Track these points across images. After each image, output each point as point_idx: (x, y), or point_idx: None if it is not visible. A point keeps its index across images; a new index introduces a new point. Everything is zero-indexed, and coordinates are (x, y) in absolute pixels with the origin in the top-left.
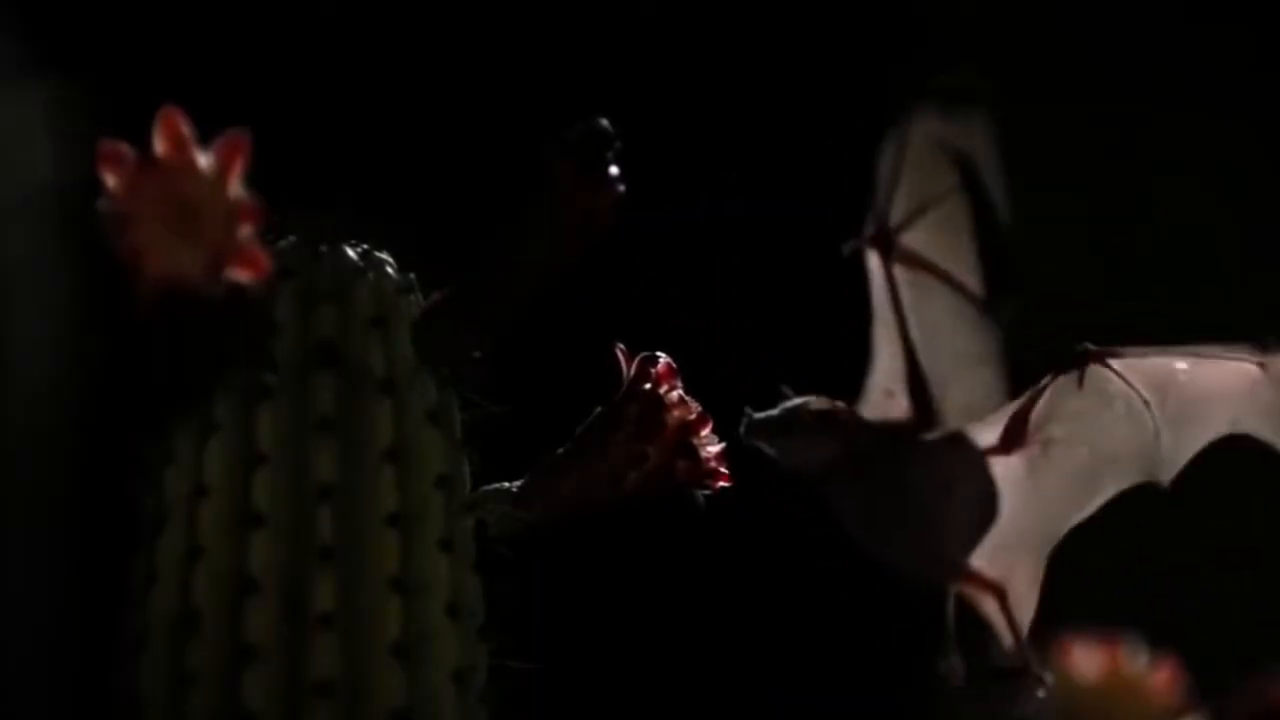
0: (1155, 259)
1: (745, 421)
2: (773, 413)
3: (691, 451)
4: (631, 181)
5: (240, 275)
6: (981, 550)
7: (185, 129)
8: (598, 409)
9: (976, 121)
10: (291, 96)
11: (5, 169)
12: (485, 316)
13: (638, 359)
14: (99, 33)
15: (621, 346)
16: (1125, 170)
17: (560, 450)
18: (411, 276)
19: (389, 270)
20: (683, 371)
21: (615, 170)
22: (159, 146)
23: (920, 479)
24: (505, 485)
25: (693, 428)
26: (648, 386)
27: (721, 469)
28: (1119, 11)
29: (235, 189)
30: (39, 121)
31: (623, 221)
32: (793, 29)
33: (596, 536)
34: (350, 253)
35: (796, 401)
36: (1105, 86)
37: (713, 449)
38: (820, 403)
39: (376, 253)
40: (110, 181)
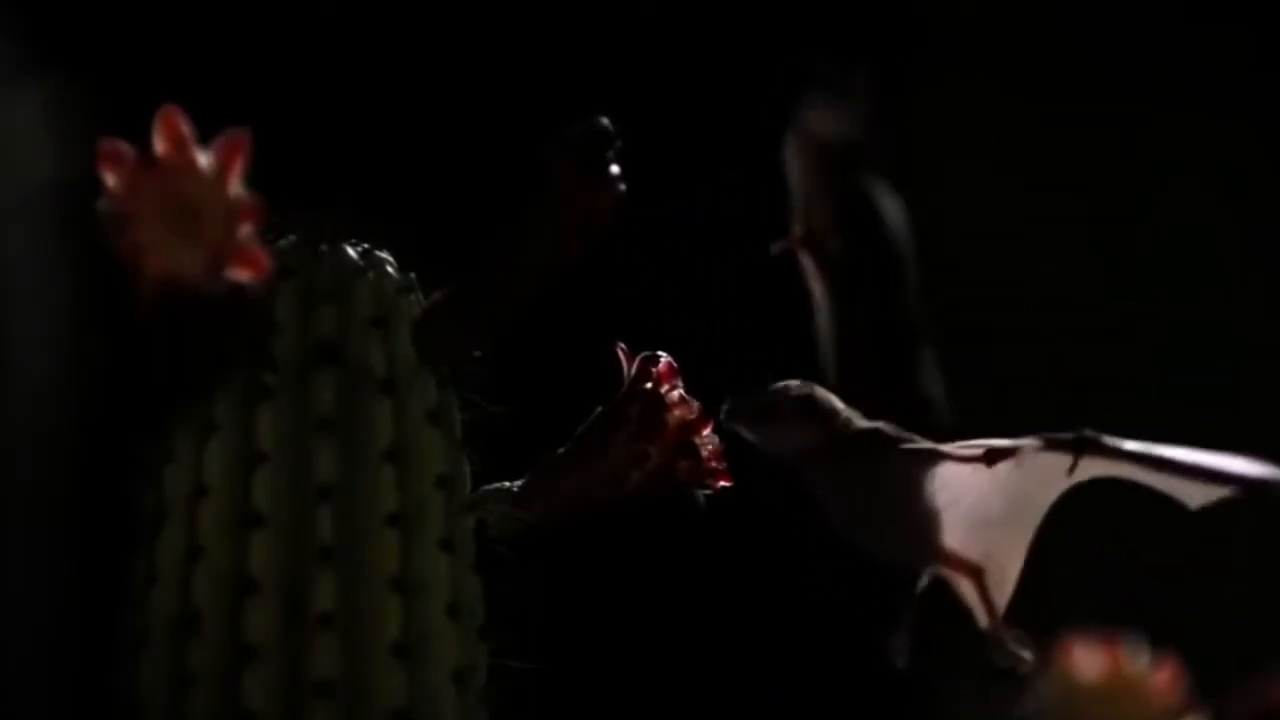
0: (1155, 259)
1: (726, 405)
2: (753, 397)
3: (692, 451)
4: (631, 181)
5: (240, 275)
6: (960, 530)
7: (185, 128)
8: (598, 409)
9: (857, 112)
10: (291, 96)
11: (5, 169)
12: (485, 316)
13: (638, 358)
14: (99, 32)
15: (622, 346)
16: (1125, 170)
17: (561, 450)
18: (412, 276)
19: (389, 270)
20: (683, 371)
21: (615, 170)
22: (159, 146)
23: (894, 474)
24: (505, 485)
25: (694, 427)
26: (649, 386)
27: (722, 468)
28: (1119, 11)
29: (235, 188)
30: (39, 121)
31: (623, 221)
32: (793, 29)
33: (596, 536)
34: (350, 252)
35: (778, 386)
36: (1105, 86)
37: (713, 448)
38: (802, 388)
39: (377, 252)
40: (110, 181)
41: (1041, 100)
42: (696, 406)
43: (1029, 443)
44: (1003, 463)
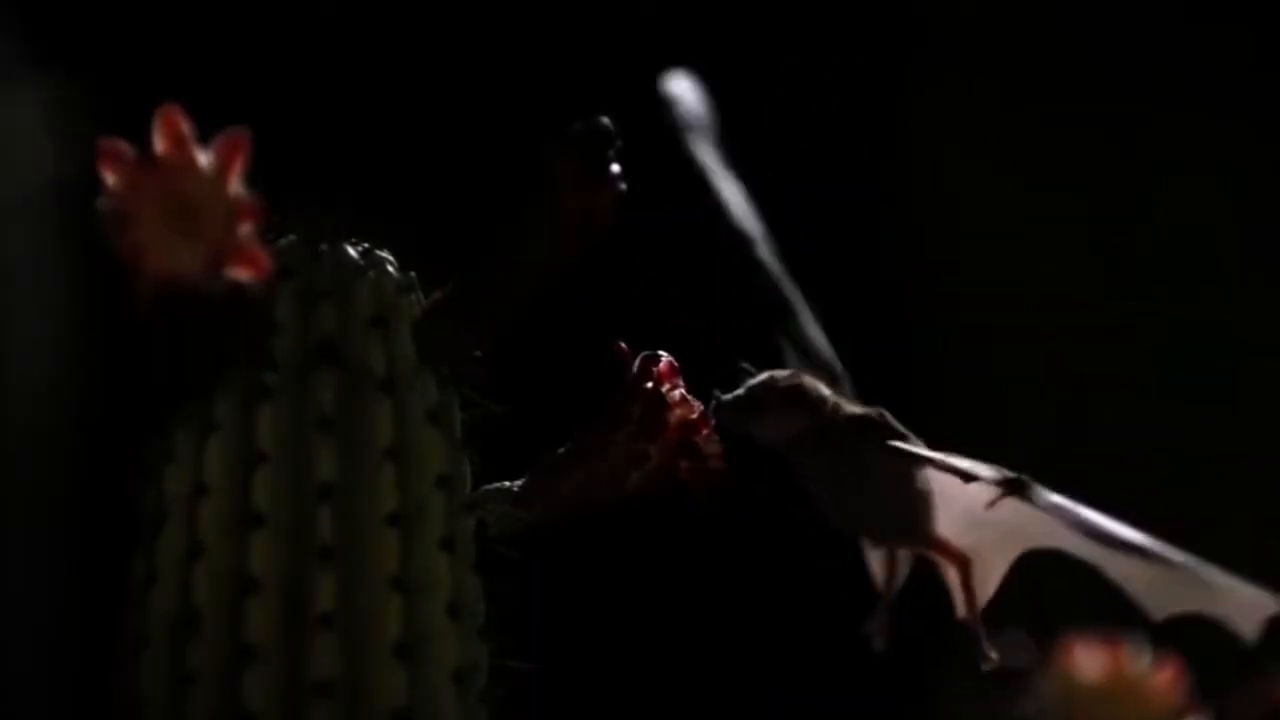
0: (1155, 259)
1: (713, 404)
2: (740, 392)
3: (694, 451)
4: (632, 181)
5: (240, 274)
6: (951, 522)
7: (185, 127)
8: (599, 408)
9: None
10: (292, 95)
11: (5, 168)
12: (485, 316)
13: (639, 358)
14: (99, 31)
15: (622, 345)
16: (1125, 170)
17: (561, 450)
18: (412, 276)
19: (389, 269)
20: (683, 371)
21: (616, 169)
22: (159, 145)
23: (884, 463)
24: (505, 485)
25: (695, 427)
26: (649, 385)
27: (724, 469)
28: (1119, 11)
29: (235, 187)
30: (39, 120)
31: (623, 221)
32: (793, 28)
33: (597, 536)
34: (351, 252)
35: (762, 377)
36: (1105, 86)
37: (715, 448)
38: (789, 377)
39: (377, 252)
40: (110, 180)
41: (1041, 100)
42: (698, 406)
43: (985, 474)
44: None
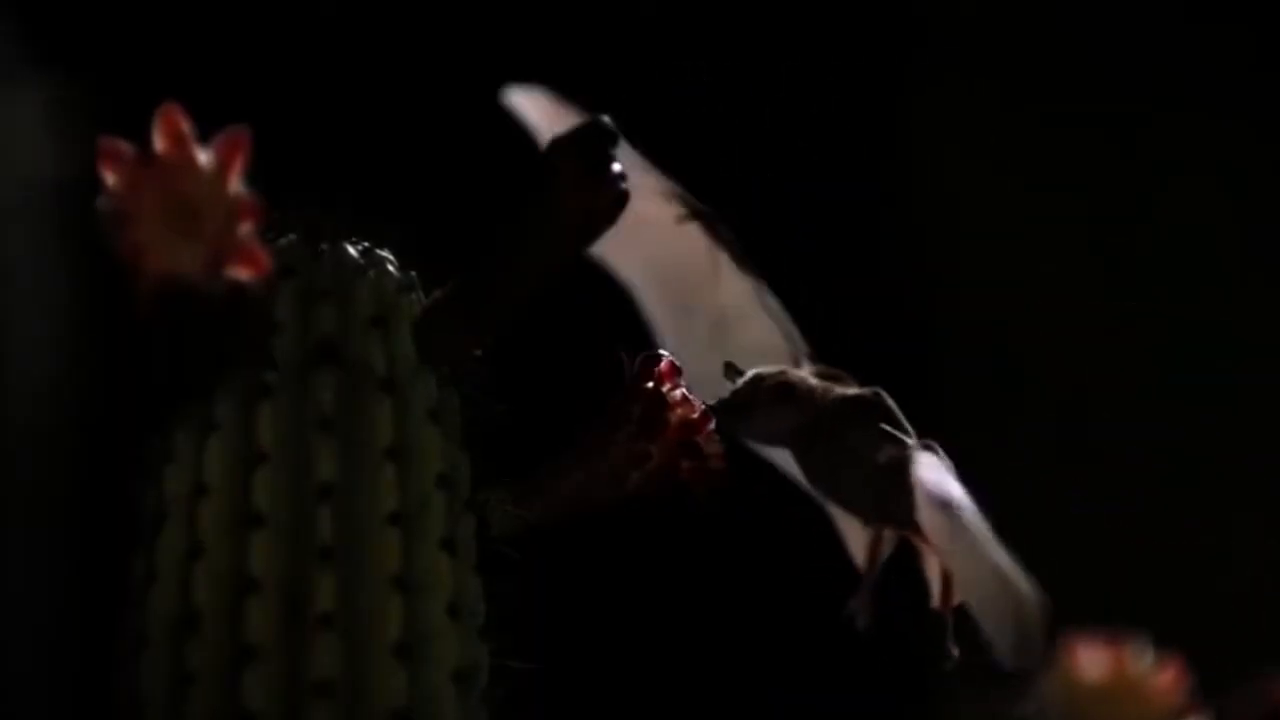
0: (1155, 259)
1: (702, 404)
2: (728, 394)
3: (694, 451)
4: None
5: (240, 273)
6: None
7: (185, 126)
8: (599, 408)
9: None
10: (292, 94)
11: (5, 168)
12: (485, 316)
13: (640, 357)
14: (99, 31)
15: (623, 345)
16: (1125, 170)
17: (562, 449)
18: (412, 275)
19: (390, 269)
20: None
21: (617, 169)
22: (158, 144)
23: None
24: (506, 485)
25: (695, 426)
26: (650, 385)
27: (724, 468)
28: (1119, 11)
29: (235, 186)
30: (38, 120)
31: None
32: (794, 28)
33: (597, 536)
34: (351, 251)
35: (749, 376)
36: (1105, 86)
37: (716, 448)
38: (776, 374)
39: (377, 251)
40: (109, 179)
41: (1041, 100)
42: (698, 406)
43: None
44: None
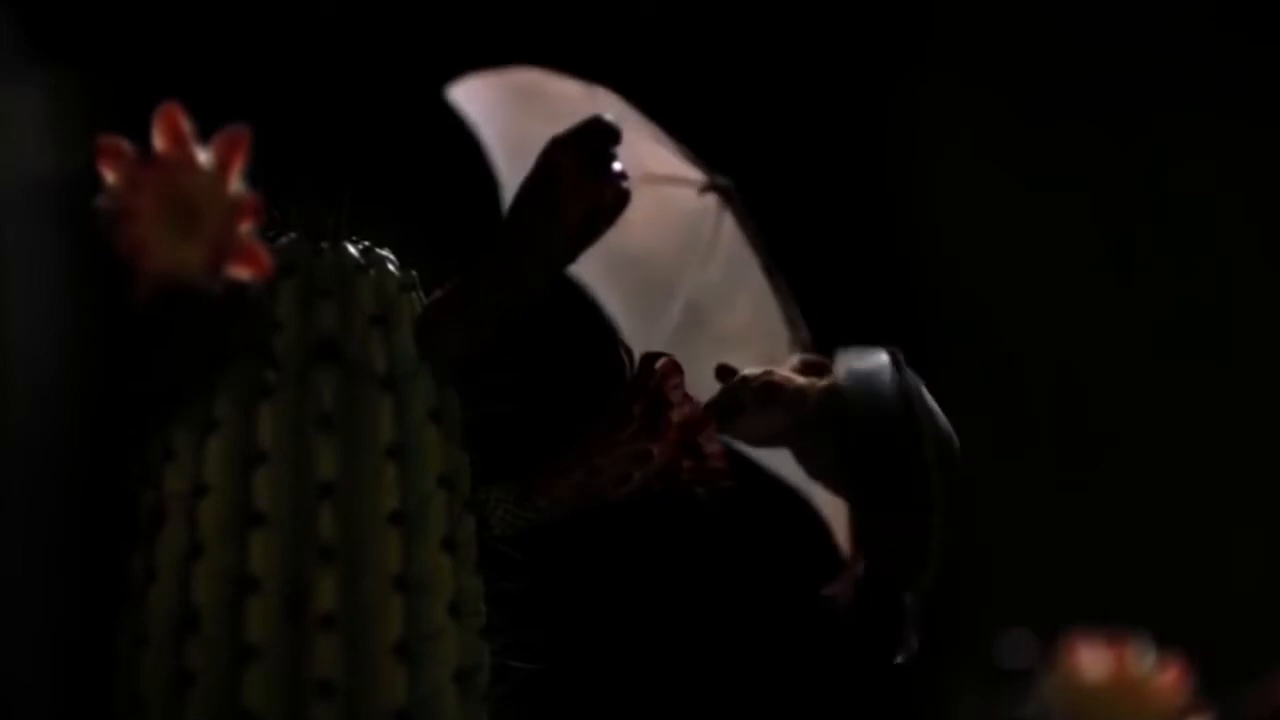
0: (1155, 259)
1: None
2: (715, 398)
3: (695, 450)
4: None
5: (240, 272)
6: None
7: (185, 125)
8: (601, 407)
9: None
10: (292, 92)
11: (5, 166)
12: (486, 315)
13: (641, 357)
14: (99, 30)
15: (625, 345)
16: (1125, 170)
17: (564, 449)
18: (413, 274)
19: (390, 267)
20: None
21: (618, 167)
22: (159, 142)
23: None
24: (508, 484)
25: (697, 426)
26: (651, 385)
27: (725, 467)
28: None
29: (235, 185)
30: (39, 117)
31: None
32: (795, 28)
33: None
34: (351, 250)
35: (735, 380)
36: (1105, 86)
37: (716, 447)
38: (760, 376)
39: (378, 250)
40: (110, 178)
41: (1042, 100)
42: (699, 405)
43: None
44: None
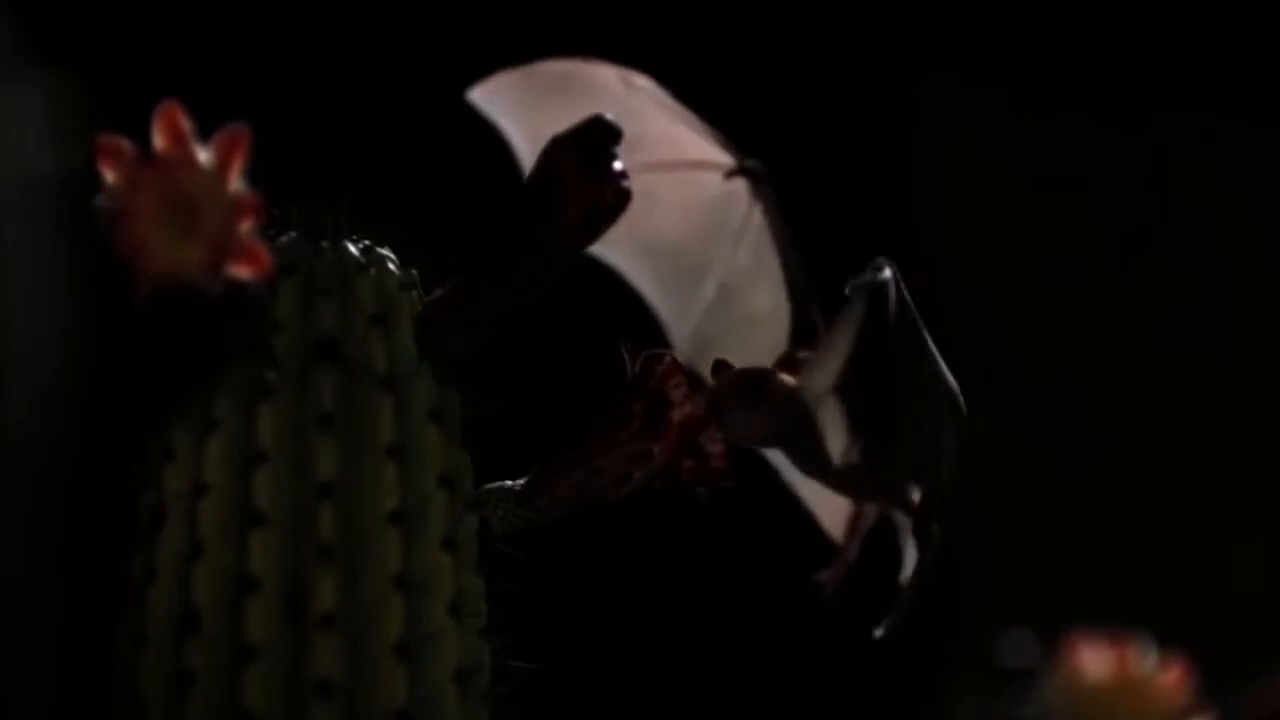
0: (1156, 259)
1: None
2: (702, 394)
3: (697, 450)
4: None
5: (240, 271)
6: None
7: (185, 123)
8: (602, 407)
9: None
10: (293, 91)
11: (5, 165)
12: (487, 314)
13: (642, 356)
14: (99, 29)
15: (625, 344)
16: (1126, 170)
17: (564, 448)
18: (413, 273)
19: (390, 266)
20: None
21: (619, 166)
22: (158, 141)
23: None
24: (508, 483)
25: (698, 425)
26: (652, 384)
27: (727, 467)
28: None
29: (235, 184)
30: (39, 117)
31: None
32: (795, 28)
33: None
34: (351, 249)
35: (721, 379)
36: (1105, 86)
37: (718, 447)
38: (744, 374)
39: (378, 249)
40: (109, 177)
41: (1042, 99)
42: (701, 405)
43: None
44: None
